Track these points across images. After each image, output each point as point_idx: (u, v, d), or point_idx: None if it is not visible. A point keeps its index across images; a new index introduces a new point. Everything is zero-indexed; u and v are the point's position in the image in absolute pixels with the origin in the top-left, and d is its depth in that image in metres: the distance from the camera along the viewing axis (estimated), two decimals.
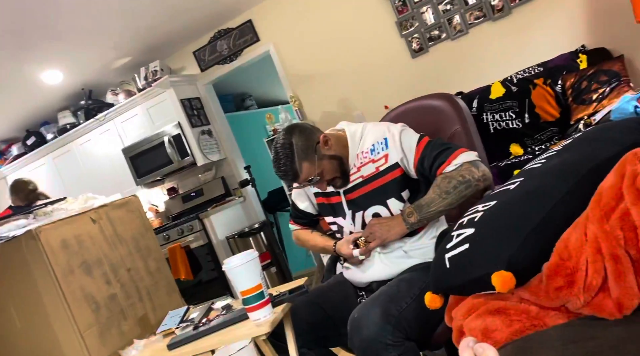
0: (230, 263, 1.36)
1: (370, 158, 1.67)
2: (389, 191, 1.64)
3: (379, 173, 1.65)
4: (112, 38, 4.17)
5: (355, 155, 1.69)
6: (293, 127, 1.68)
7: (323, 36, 4.38)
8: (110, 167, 5.17)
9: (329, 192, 1.74)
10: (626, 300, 0.91)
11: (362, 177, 1.67)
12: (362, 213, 1.68)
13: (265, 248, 4.45)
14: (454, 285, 1.18)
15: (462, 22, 3.85)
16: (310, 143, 1.63)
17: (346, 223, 1.72)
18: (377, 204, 1.65)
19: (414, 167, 1.62)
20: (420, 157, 1.60)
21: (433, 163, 1.57)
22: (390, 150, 1.64)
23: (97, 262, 2.05)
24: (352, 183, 1.69)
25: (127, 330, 2.03)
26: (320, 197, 1.79)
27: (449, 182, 1.53)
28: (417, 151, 1.61)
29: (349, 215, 1.71)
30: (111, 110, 4.99)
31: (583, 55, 3.28)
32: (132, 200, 2.38)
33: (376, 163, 1.66)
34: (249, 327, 1.39)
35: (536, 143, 3.22)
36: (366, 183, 1.67)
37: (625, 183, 0.99)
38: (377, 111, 4.01)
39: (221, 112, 5.17)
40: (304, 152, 1.61)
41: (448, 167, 1.55)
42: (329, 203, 1.76)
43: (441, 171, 1.56)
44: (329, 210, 1.77)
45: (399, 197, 1.64)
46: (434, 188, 1.56)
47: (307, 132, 1.66)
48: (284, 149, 1.61)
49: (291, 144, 1.61)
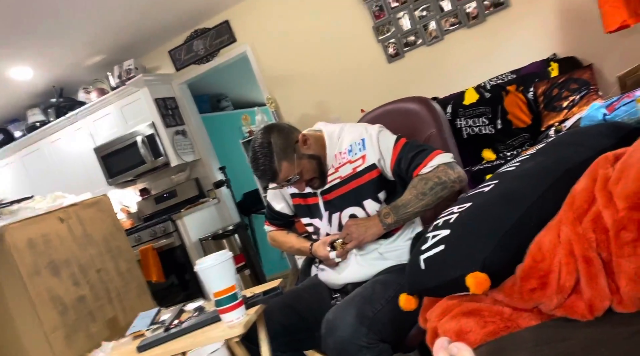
0: (203, 264, 1.33)
1: (348, 159, 1.66)
2: (366, 192, 1.63)
3: (356, 174, 1.64)
4: (85, 35, 4.08)
5: (334, 155, 1.69)
6: (271, 126, 1.66)
7: (300, 38, 4.38)
8: (81, 167, 5.05)
9: (305, 193, 1.73)
10: (597, 302, 0.93)
11: (340, 177, 1.67)
12: (338, 215, 1.67)
13: (240, 251, 4.41)
14: (429, 287, 1.18)
15: (437, 29, 3.90)
16: (289, 143, 1.62)
17: (323, 224, 1.71)
18: (353, 205, 1.65)
19: (391, 168, 1.62)
20: (397, 158, 1.60)
21: (410, 164, 1.58)
22: (368, 151, 1.64)
23: (65, 262, 1.99)
24: (329, 183, 1.68)
25: (96, 332, 1.98)
26: (296, 198, 1.77)
27: (425, 183, 1.54)
28: (394, 152, 1.61)
29: (325, 216, 1.70)
30: (83, 108, 4.88)
31: (554, 64, 3.36)
32: (103, 200, 2.33)
33: (353, 164, 1.65)
34: (222, 329, 1.37)
35: (508, 149, 3.28)
36: (343, 184, 1.66)
37: (597, 187, 1.00)
38: (353, 114, 4.00)
39: (196, 113, 5.11)
40: (283, 151, 1.59)
41: (424, 168, 1.55)
42: (305, 204, 1.75)
43: (418, 172, 1.56)
44: (306, 211, 1.76)
45: (375, 198, 1.64)
46: (410, 189, 1.56)
47: (285, 131, 1.64)
48: (263, 148, 1.59)
49: (270, 143, 1.59)
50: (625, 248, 0.91)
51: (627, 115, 1.88)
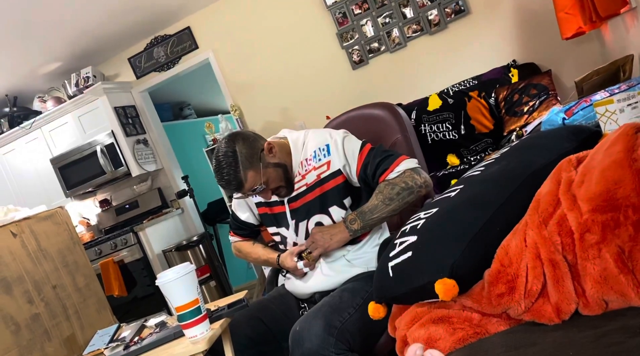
0: (163, 278, 1.28)
1: (313, 166, 1.64)
2: (331, 199, 1.62)
3: (320, 181, 1.62)
4: (39, 42, 3.93)
5: (299, 162, 1.66)
6: (235, 134, 1.62)
7: (264, 45, 4.35)
8: (37, 178, 4.86)
9: (272, 202, 1.70)
10: (564, 305, 0.92)
11: (306, 184, 1.64)
12: (305, 223, 1.64)
13: (205, 262, 4.32)
14: (398, 294, 1.16)
15: (400, 36, 3.93)
16: (254, 151, 1.58)
17: (290, 233, 1.68)
18: (319, 212, 1.63)
19: (357, 174, 1.61)
20: (363, 163, 1.59)
21: (376, 170, 1.57)
22: (333, 157, 1.62)
23: (17, 279, 1.89)
24: (296, 191, 1.65)
25: (52, 352, 1.88)
26: (262, 207, 1.73)
27: (392, 188, 1.53)
28: (359, 158, 1.60)
29: (292, 225, 1.67)
30: (38, 118, 4.71)
31: (514, 70, 3.43)
32: (59, 212, 2.23)
33: (317, 171, 1.63)
34: (185, 345, 1.31)
35: (472, 154, 3.33)
36: (309, 191, 1.64)
37: (561, 190, 1.01)
38: (318, 121, 4.01)
39: (158, 121, 5.00)
40: (249, 161, 1.56)
41: (391, 173, 1.55)
42: (272, 213, 1.71)
43: (384, 178, 1.56)
44: (272, 221, 1.72)
45: (341, 205, 1.62)
46: (377, 194, 1.55)
47: (250, 139, 1.60)
48: (227, 158, 1.55)
49: (234, 152, 1.55)
50: (589, 250, 0.91)
51: (585, 120, 1.92)
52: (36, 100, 4.84)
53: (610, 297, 0.89)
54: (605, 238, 0.89)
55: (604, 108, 1.59)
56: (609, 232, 0.89)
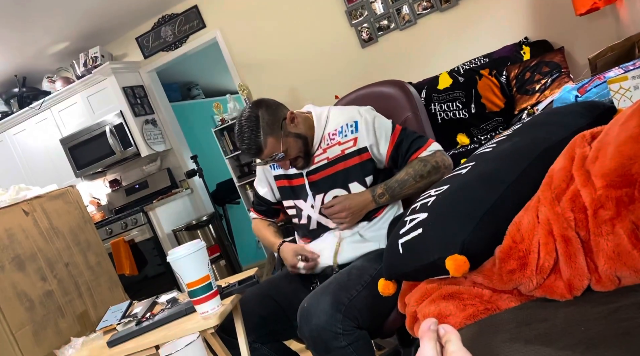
0: (175, 254, 1.29)
1: (337, 141, 1.65)
2: (353, 175, 1.63)
3: (344, 156, 1.63)
4: (47, 21, 3.92)
5: (322, 136, 1.67)
6: (260, 101, 1.63)
7: (272, 24, 4.30)
8: (47, 159, 4.90)
9: (291, 174, 1.70)
10: (576, 281, 0.92)
11: (327, 158, 1.65)
12: (322, 196, 1.65)
13: (214, 241, 4.35)
14: (408, 271, 1.16)
15: (410, 13, 3.87)
16: (276, 119, 1.59)
17: (306, 205, 1.69)
18: (339, 187, 1.64)
19: (388, 153, 1.63)
20: (396, 142, 1.62)
21: (409, 148, 1.61)
22: (361, 134, 1.63)
23: (31, 256, 1.92)
24: (316, 164, 1.66)
25: (65, 328, 1.91)
26: (281, 180, 1.74)
27: (424, 165, 1.56)
28: (392, 137, 1.63)
29: (310, 197, 1.67)
30: (48, 98, 4.72)
31: (526, 47, 3.37)
32: (70, 191, 2.25)
33: (342, 146, 1.64)
34: (196, 321, 1.33)
35: (482, 133, 3.29)
36: (330, 165, 1.65)
37: (574, 166, 0.99)
38: (327, 100, 3.96)
39: (166, 101, 4.99)
40: (270, 127, 1.57)
41: (424, 152, 1.59)
42: (290, 185, 1.72)
43: (417, 155, 1.60)
44: (289, 193, 1.73)
45: (362, 182, 1.63)
46: (407, 169, 1.58)
47: (273, 107, 1.62)
48: (249, 122, 1.56)
49: (257, 117, 1.56)
50: (603, 226, 0.90)
51: (598, 97, 1.89)
52: (45, 80, 4.85)
53: (624, 273, 0.88)
54: (620, 214, 0.88)
55: (618, 85, 1.56)
56: (623, 207, 0.88)
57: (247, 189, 4.68)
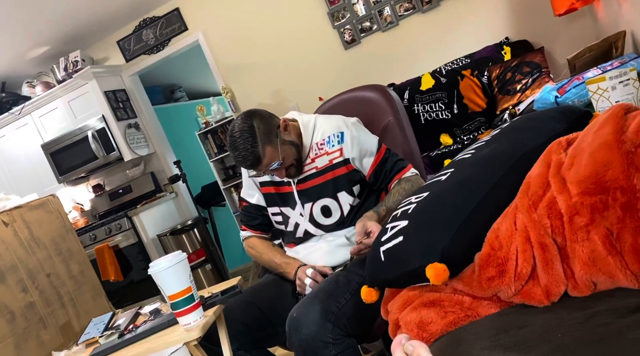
0: (156, 266, 1.28)
1: (325, 150, 1.66)
2: (341, 184, 1.64)
3: (332, 166, 1.64)
4: (26, 25, 3.86)
5: (310, 145, 1.67)
6: (252, 111, 1.61)
7: (254, 26, 4.28)
8: (28, 165, 4.83)
9: (278, 181, 1.70)
10: (553, 287, 0.93)
11: (316, 168, 1.65)
12: (311, 205, 1.66)
13: (200, 245, 4.32)
14: (390, 278, 1.17)
15: (392, 14, 3.88)
16: (271, 128, 1.58)
17: (295, 213, 1.69)
18: (328, 197, 1.64)
19: (371, 168, 1.65)
20: (382, 159, 1.65)
21: (393, 167, 1.65)
22: (346, 145, 1.64)
23: (11, 268, 1.89)
24: (305, 173, 1.66)
25: (48, 340, 1.89)
26: (267, 187, 1.73)
27: (411, 185, 1.60)
28: (378, 155, 1.66)
29: (299, 205, 1.67)
30: (28, 103, 4.66)
31: (507, 47, 3.40)
32: (50, 200, 2.22)
33: (330, 156, 1.65)
34: (179, 333, 1.32)
35: (465, 133, 3.32)
36: (319, 175, 1.65)
37: (550, 172, 1.01)
38: (311, 102, 3.98)
39: (149, 104, 4.95)
40: (267, 136, 1.55)
41: (407, 173, 1.64)
42: (277, 192, 1.71)
43: (400, 176, 1.64)
44: (276, 200, 1.72)
45: (350, 191, 1.64)
46: (399, 190, 1.60)
47: (267, 116, 1.60)
48: (244, 133, 1.53)
49: (252, 127, 1.54)
50: (578, 233, 0.91)
51: (577, 97, 1.92)
52: (25, 85, 4.78)
53: (599, 279, 0.90)
54: (594, 220, 0.90)
55: (596, 85, 1.59)
56: (598, 214, 0.89)
57: (232, 192, 4.66)
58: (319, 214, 1.66)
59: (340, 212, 1.65)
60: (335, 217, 1.65)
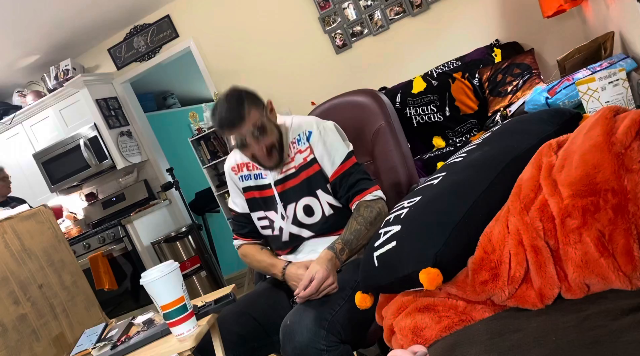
0: (148, 277, 1.27)
1: (298, 149, 1.65)
2: (317, 182, 1.63)
3: (307, 164, 1.64)
4: (15, 34, 3.84)
5: (287, 145, 1.66)
6: (239, 86, 1.63)
7: (246, 31, 4.28)
8: (20, 174, 4.79)
9: (261, 185, 1.69)
10: (547, 290, 0.93)
11: (294, 167, 1.65)
12: (294, 205, 1.64)
13: (195, 252, 4.30)
14: (383, 284, 1.16)
15: (382, 18, 3.89)
16: (259, 100, 1.59)
17: (277, 217, 1.67)
18: (307, 195, 1.63)
19: (333, 176, 1.62)
20: (346, 171, 1.61)
21: (356, 184, 1.60)
22: (314, 145, 1.63)
23: (2, 280, 1.87)
24: (284, 173, 1.65)
25: (41, 352, 1.87)
26: (250, 192, 1.72)
27: (371, 211, 1.55)
28: (344, 165, 1.62)
29: (280, 207, 1.66)
30: (19, 112, 4.63)
31: (497, 49, 3.42)
32: (42, 211, 2.20)
33: (303, 154, 1.64)
34: (172, 343, 1.31)
35: (457, 136, 3.33)
36: (297, 174, 1.64)
37: (542, 175, 1.01)
38: (303, 107, 3.97)
39: (141, 112, 4.93)
40: (253, 101, 1.56)
41: (369, 195, 1.58)
42: (260, 197, 1.70)
43: (361, 197, 1.58)
44: (260, 205, 1.71)
45: (325, 189, 1.63)
46: (357, 218, 1.56)
47: (254, 92, 1.61)
48: (231, 97, 1.54)
49: (240, 93, 1.56)
50: (571, 235, 0.91)
51: (568, 98, 1.92)
52: (15, 94, 4.75)
53: (592, 281, 0.89)
54: (586, 222, 0.89)
55: (586, 86, 1.60)
56: (589, 216, 0.89)
57: (226, 198, 4.64)
58: (302, 214, 1.64)
59: (322, 209, 1.63)
60: (318, 215, 1.64)
